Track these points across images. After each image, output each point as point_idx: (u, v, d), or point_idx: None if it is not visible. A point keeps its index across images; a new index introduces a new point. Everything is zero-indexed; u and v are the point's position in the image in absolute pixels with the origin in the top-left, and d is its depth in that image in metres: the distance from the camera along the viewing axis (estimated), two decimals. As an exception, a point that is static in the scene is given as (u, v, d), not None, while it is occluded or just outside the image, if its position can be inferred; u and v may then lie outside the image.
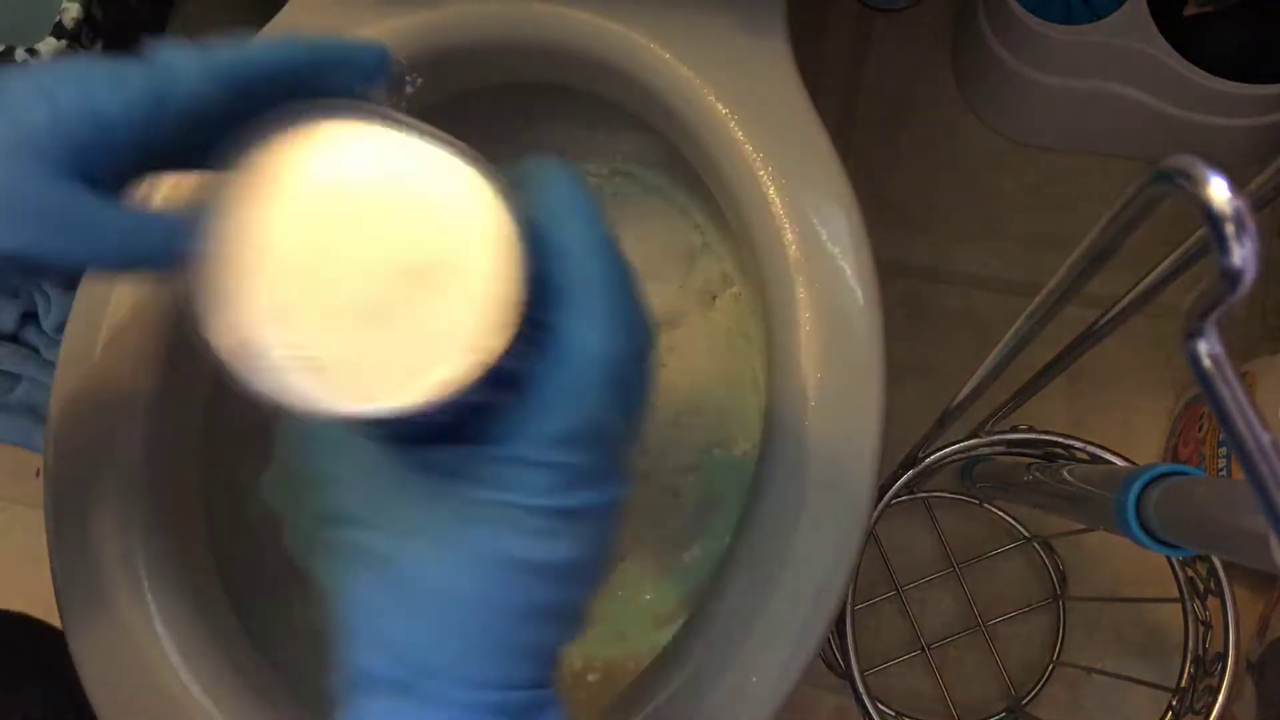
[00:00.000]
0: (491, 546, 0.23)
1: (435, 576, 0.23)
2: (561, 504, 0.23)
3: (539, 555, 0.23)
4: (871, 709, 0.58)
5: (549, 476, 0.23)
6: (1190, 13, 0.70)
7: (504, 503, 0.23)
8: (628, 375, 0.24)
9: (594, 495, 0.24)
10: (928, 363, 0.79)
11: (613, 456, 0.25)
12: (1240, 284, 0.21)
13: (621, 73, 0.49)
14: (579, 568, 0.24)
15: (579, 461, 0.23)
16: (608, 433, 0.24)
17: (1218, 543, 0.36)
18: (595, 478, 0.24)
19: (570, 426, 0.23)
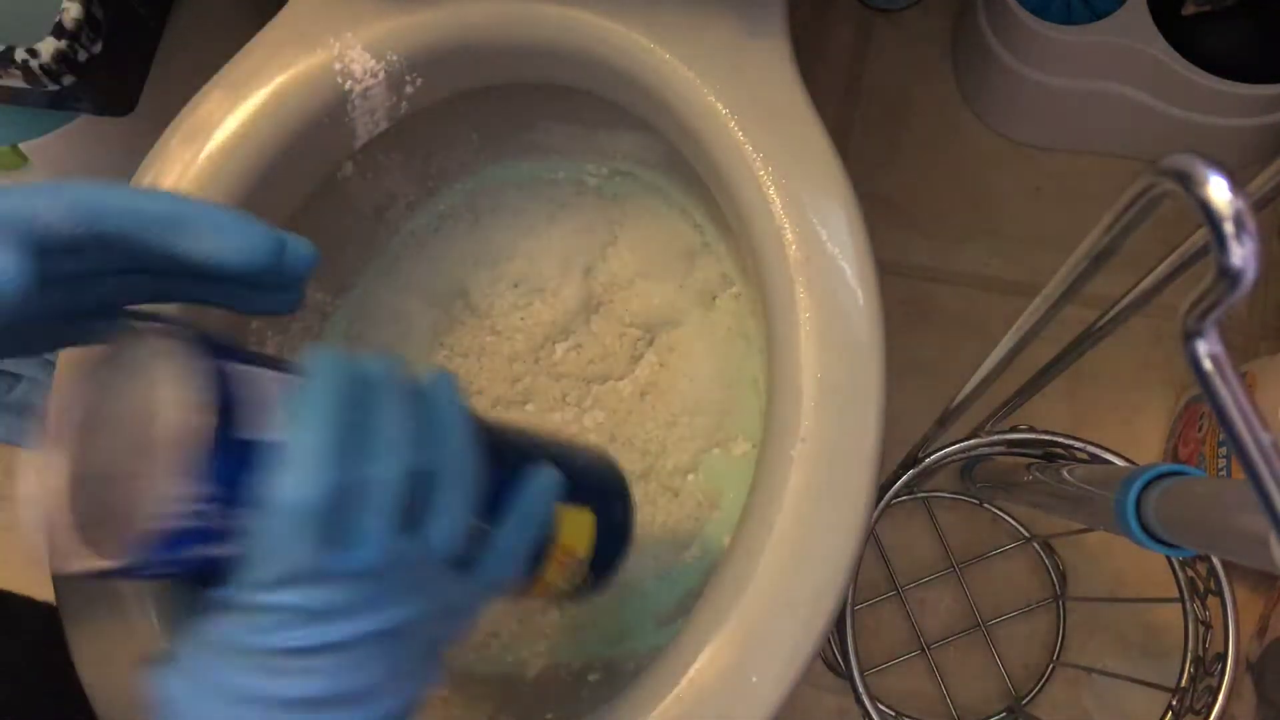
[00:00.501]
0: (245, 687, 0.25)
1: (207, 711, 0.25)
2: (287, 644, 0.25)
3: (285, 692, 0.25)
4: (871, 709, 0.58)
5: (270, 618, 0.25)
6: (1190, 13, 0.70)
7: (245, 647, 0.25)
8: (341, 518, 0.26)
9: (322, 634, 0.25)
10: (928, 363, 0.79)
11: (360, 590, 0.26)
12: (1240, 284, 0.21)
13: (622, 73, 0.49)
14: (333, 700, 0.26)
15: (299, 602, 0.25)
16: (327, 573, 0.25)
17: (1218, 543, 0.36)
18: (320, 618, 0.25)
19: (266, 576, 0.25)
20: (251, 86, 0.48)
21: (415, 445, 0.27)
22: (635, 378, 0.60)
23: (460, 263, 0.61)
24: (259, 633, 0.25)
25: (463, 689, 0.54)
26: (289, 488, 0.25)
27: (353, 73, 0.49)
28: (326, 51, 0.49)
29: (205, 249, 0.28)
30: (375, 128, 0.52)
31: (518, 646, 0.55)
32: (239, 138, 0.48)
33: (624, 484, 0.40)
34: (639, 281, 0.60)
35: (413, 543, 0.27)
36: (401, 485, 0.26)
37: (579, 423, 0.59)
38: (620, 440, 0.58)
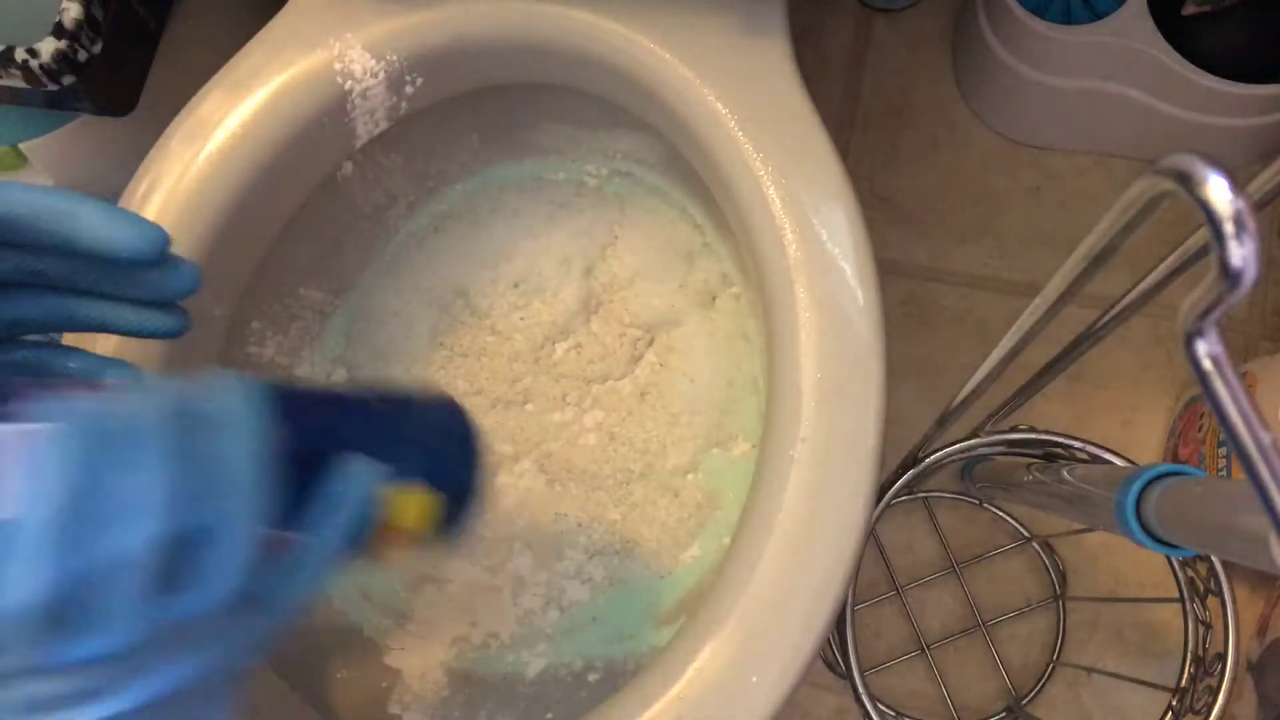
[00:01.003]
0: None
1: None
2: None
3: None
4: (871, 709, 0.58)
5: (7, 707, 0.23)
6: (1190, 13, 0.70)
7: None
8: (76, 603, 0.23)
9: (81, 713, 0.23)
10: (928, 363, 0.79)
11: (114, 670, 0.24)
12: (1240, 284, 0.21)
13: (622, 73, 0.49)
14: None
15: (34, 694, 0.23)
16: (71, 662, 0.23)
17: (1218, 543, 0.36)
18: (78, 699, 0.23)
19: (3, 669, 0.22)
20: (251, 86, 0.48)
21: (173, 499, 0.23)
22: (635, 378, 0.60)
23: (460, 263, 0.61)
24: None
25: (462, 689, 0.54)
26: (9, 585, 0.21)
27: (353, 73, 0.49)
28: (326, 51, 0.49)
29: (98, 236, 0.28)
30: (375, 128, 0.52)
31: (518, 646, 0.55)
32: (239, 138, 0.48)
33: (468, 441, 0.37)
34: (639, 281, 0.60)
35: (177, 606, 0.24)
36: (150, 554, 0.23)
37: (579, 422, 0.59)
38: (620, 440, 0.58)
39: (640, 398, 0.59)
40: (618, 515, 0.57)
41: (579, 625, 0.55)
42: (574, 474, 0.58)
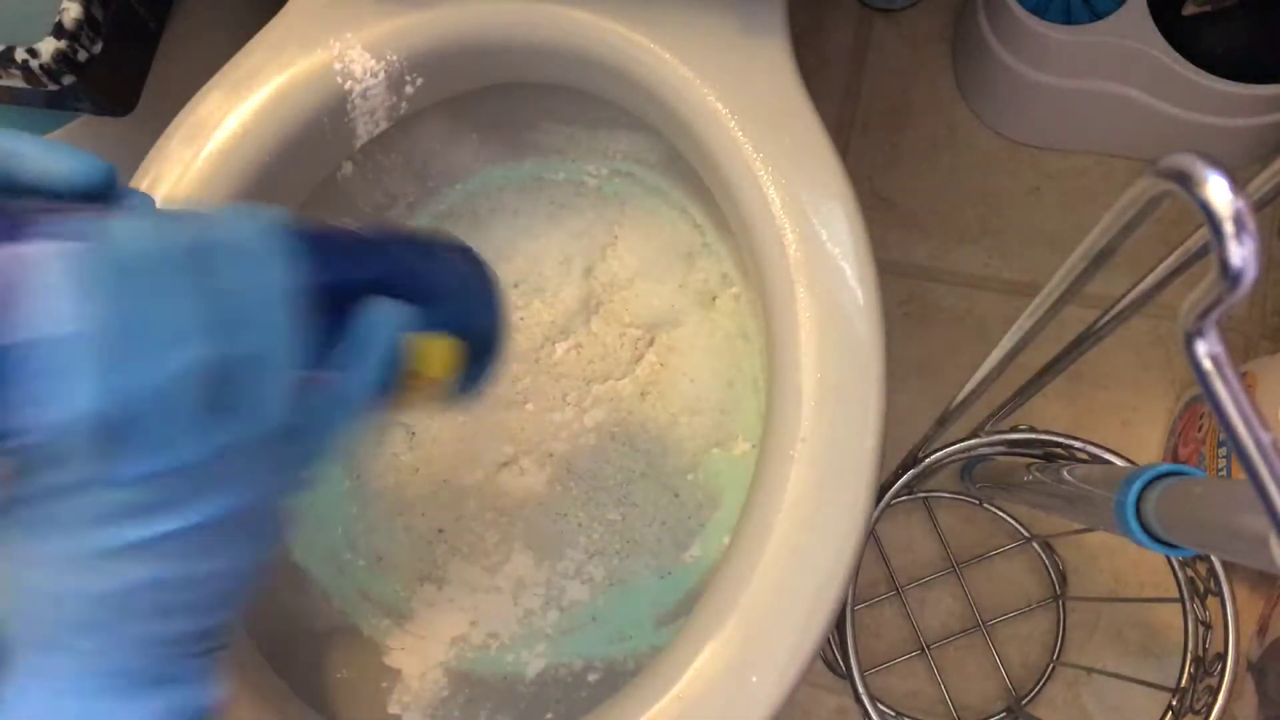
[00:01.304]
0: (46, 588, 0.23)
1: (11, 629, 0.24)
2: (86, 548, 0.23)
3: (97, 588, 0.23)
4: (871, 709, 0.58)
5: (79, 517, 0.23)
6: (1190, 13, 0.70)
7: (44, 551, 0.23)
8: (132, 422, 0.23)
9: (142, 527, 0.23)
10: (928, 363, 0.79)
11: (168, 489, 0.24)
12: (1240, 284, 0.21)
13: (622, 73, 0.49)
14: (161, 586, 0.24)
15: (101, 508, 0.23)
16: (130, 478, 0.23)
17: (1218, 543, 0.36)
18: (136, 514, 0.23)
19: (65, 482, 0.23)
20: (251, 86, 0.48)
21: (212, 325, 0.24)
22: (635, 377, 0.60)
23: (460, 263, 0.61)
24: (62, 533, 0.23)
25: (462, 689, 0.54)
26: (62, 399, 0.22)
27: (353, 73, 0.49)
28: (326, 51, 0.49)
29: (40, 169, 0.27)
30: (375, 128, 0.52)
31: (518, 646, 0.55)
32: (239, 138, 0.48)
33: (489, 290, 0.37)
34: (639, 281, 0.60)
35: (227, 430, 0.24)
36: (198, 374, 0.23)
37: (579, 422, 0.59)
38: (620, 440, 0.58)
39: (640, 398, 0.59)
40: (618, 515, 0.57)
41: (579, 625, 0.55)
42: (574, 474, 0.58)
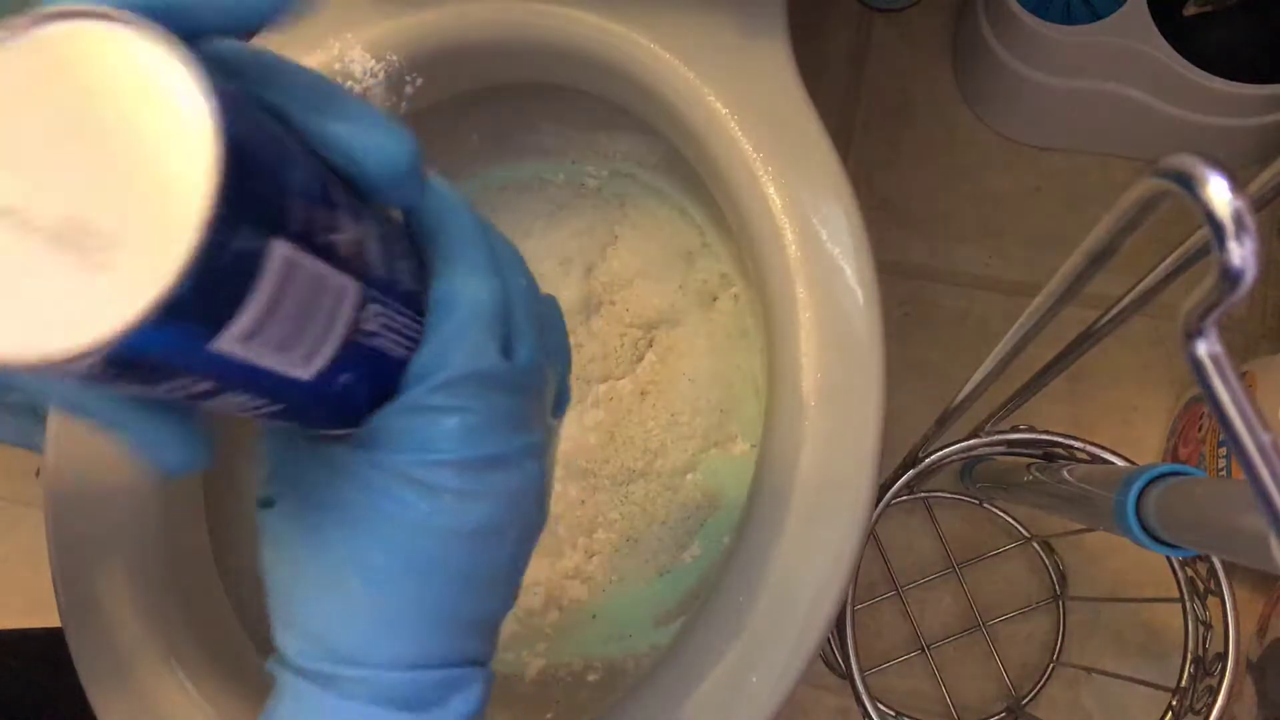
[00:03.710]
0: (395, 514, 0.22)
1: (341, 554, 0.22)
2: (460, 455, 0.22)
3: (444, 519, 0.22)
4: (871, 709, 0.58)
5: (440, 426, 0.22)
6: (1190, 13, 0.70)
7: (402, 464, 0.22)
8: (517, 320, 0.24)
9: (498, 444, 0.23)
10: (928, 363, 0.79)
11: (520, 405, 0.24)
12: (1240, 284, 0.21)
13: (621, 73, 0.49)
14: (493, 529, 0.23)
15: (473, 407, 0.22)
16: (505, 379, 0.23)
17: (1218, 543, 0.36)
18: (498, 426, 0.23)
19: (455, 373, 0.22)
20: (251, 86, 0.48)
21: (527, 272, 0.26)
22: (635, 377, 0.60)
23: (460, 263, 0.61)
24: (423, 446, 0.22)
25: (463, 689, 0.54)
26: (485, 282, 0.23)
27: (353, 73, 0.49)
28: (326, 52, 0.49)
29: (356, 145, 0.21)
30: (375, 128, 0.52)
31: (518, 646, 0.55)
32: (239, 138, 0.48)
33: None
34: (639, 281, 0.60)
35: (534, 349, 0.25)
36: (535, 304, 0.25)
37: (579, 422, 0.59)
38: (620, 439, 0.58)
39: (640, 397, 0.59)
40: (617, 515, 0.57)
41: (579, 624, 0.55)
42: (574, 473, 0.58)
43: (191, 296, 0.15)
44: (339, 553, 0.22)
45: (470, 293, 0.23)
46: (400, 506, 0.22)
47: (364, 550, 0.22)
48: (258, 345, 0.18)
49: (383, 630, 0.22)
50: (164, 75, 0.16)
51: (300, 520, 0.23)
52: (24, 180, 0.16)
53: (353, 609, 0.22)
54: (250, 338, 0.17)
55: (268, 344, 0.18)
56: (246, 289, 0.17)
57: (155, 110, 0.16)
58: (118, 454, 0.45)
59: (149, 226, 0.15)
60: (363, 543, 0.22)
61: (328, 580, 0.22)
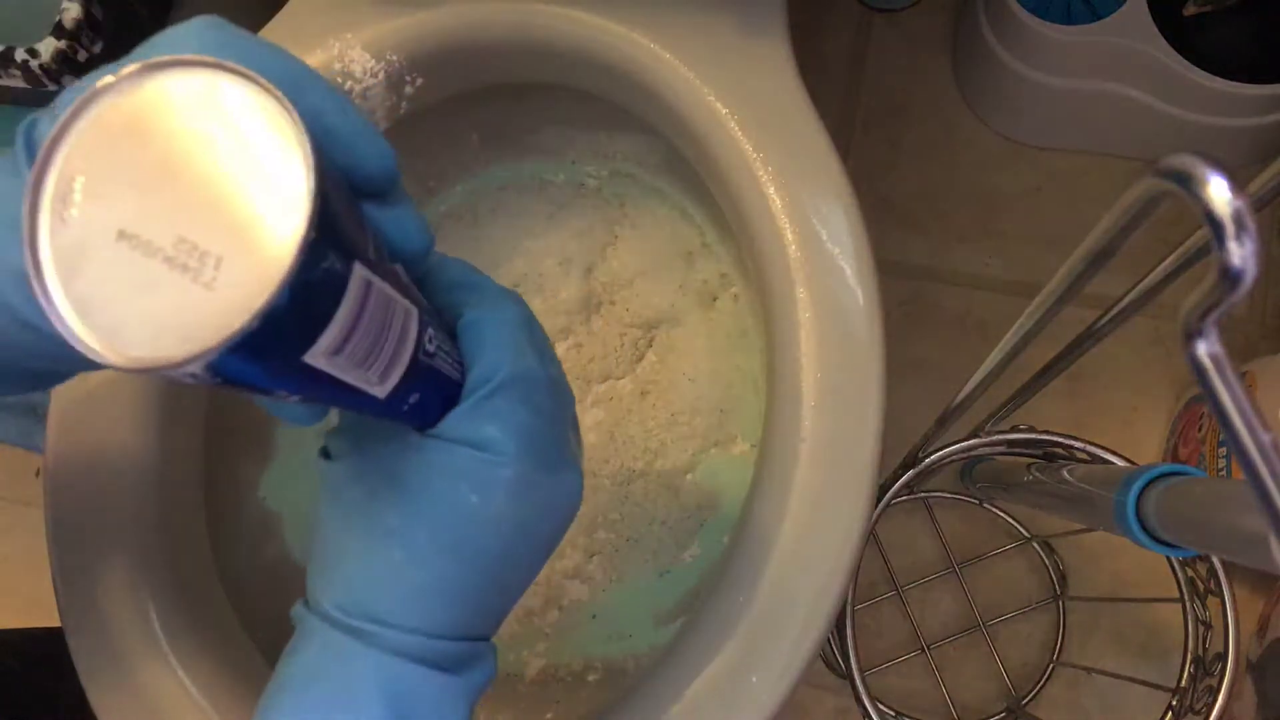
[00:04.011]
0: (448, 501, 0.24)
1: (393, 524, 0.24)
2: (516, 461, 0.25)
3: (490, 512, 0.24)
4: (871, 709, 0.58)
5: (501, 430, 0.25)
6: (1190, 13, 0.70)
7: (464, 457, 0.24)
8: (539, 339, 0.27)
9: (548, 452, 0.26)
10: (928, 363, 0.79)
11: (561, 410, 0.27)
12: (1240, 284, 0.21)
13: (622, 73, 0.49)
14: (530, 528, 0.26)
15: (524, 411, 0.25)
16: (546, 381, 0.26)
17: (1218, 543, 0.36)
18: (548, 434, 0.26)
19: (506, 375, 0.25)
20: (251, 86, 0.48)
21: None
22: (635, 377, 0.60)
23: (460, 263, 0.61)
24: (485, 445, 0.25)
25: (463, 689, 0.54)
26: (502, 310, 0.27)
27: (353, 73, 0.49)
28: (326, 52, 0.49)
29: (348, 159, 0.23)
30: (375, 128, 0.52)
31: (518, 646, 0.55)
32: (239, 138, 0.48)
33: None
34: (639, 281, 0.60)
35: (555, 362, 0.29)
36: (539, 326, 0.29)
37: (579, 422, 0.59)
38: (620, 439, 0.58)
39: (640, 397, 0.59)
40: (617, 515, 0.57)
41: (578, 624, 0.55)
42: (574, 474, 0.58)
43: (287, 311, 0.17)
44: (390, 522, 0.24)
45: (501, 313, 0.26)
46: (454, 495, 0.24)
47: (413, 527, 0.24)
48: (342, 361, 0.20)
49: (417, 600, 0.24)
50: (264, 113, 0.18)
51: (359, 482, 0.25)
52: (144, 208, 0.18)
53: (394, 576, 0.24)
54: (336, 352, 0.19)
55: (351, 360, 0.20)
56: (334, 306, 0.19)
57: (258, 148, 0.18)
58: (118, 453, 0.45)
59: (252, 249, 0.17)
60: (413, 520, 0.24)
61: (375, 546, 0.24)
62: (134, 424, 0.45)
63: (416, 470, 0.24)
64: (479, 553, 0.25)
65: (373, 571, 0.25)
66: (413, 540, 0.24)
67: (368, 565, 0.25)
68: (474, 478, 0.24)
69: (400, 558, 0.24)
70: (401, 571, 0.24)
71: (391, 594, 0.24)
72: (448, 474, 0.24)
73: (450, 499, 0.24)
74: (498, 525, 0.25)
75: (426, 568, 0.24)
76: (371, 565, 0.25)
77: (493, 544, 0.25)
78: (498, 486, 0.25)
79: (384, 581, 0.24)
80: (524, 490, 0.25)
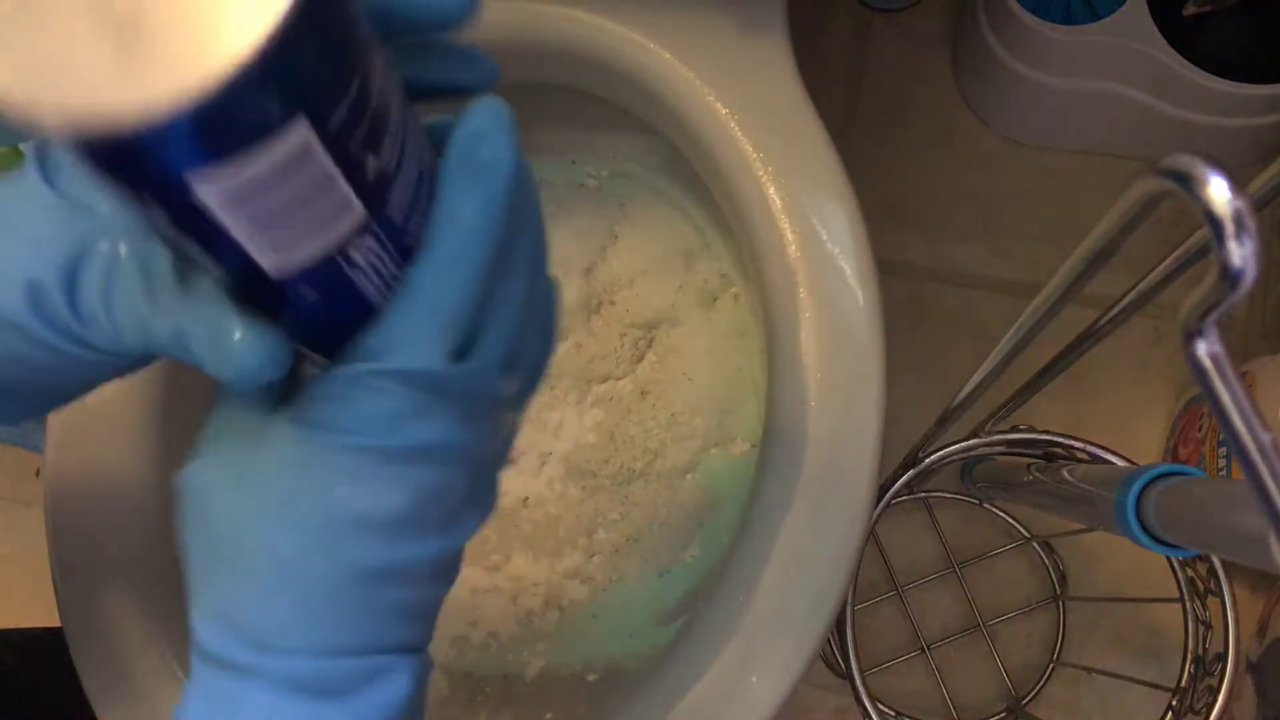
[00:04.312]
0: (312, 495, 0.21)
1: (258, 535, 0.21)
2: (385, 442, 0.21)
3: (360, 505, 0.21)
4: (871, 709, 0.58)
5: (371, 409, 0.21)
6: (1190, 13, 0.70)
7: (329, 443, 0.21)
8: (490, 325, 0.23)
9: (425, 437, 0.22)
10: (928, 363, 0.79)
11: (458, 407, 0.22)
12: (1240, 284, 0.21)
13: (621, 72, 0.49)
14: (410, 522, 0.22)
15: (406, 399, 0.21)
16: (447, 383, 0.22)
17: (1218, 543, 0.36)
18: (429, 421, 0.22)
19: (396, 367, 0.21)
20: (251, 86, 0.48)
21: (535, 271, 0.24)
22: (635, 377, 0.60)
23: (460, 263, 0.61)
24: (351, 426, 0.21)
25: (463, 689, 0.54)
26: (446, 286, 0.21)
27: (353, 73, 0.49)
28: (326, 51, 0.49)
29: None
30: (375, 128, 0.52)
31: (518, 646, 0.55)
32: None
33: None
34: (639, 281, 0.60)
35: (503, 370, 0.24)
36: (521, 311, 0.24)
37: (579, 422, 0.59)
38: (620, 439, 0.58)
39: (640, 397, 0.59)
40: (617, 515, 0.57)
41: (578, 624, 0.55)
42: (574, 473, 0.58)
43: (187, 130, 0.15)
44: (254, 534, 0.22)
45: (439, 290, 0.21)
46: (318, 486, 0.21)
47: (277, 530, 0.21)
48: (235, 211, 0.17)
49: (296, 615, 0.22)
50: None
51: (222, 498, 0.22)
52: None
53: (265, 592, 0.22)
54: (231, 199, 0.17)
55: (245, 216, 0.17)
56: (247, 146, 0.16)
57: None
58: (118, 453, 0.45)
59: (188, 48, 0.15)
60: (276, 522, 0.21)
61: (242, 561, 0.22)
62: (134, 429, 0.45)
63: (279, 462, 0.21)
64: (352, 553, 0.22)
65: (243, 589, 0.22)
66: (276, 545, 0.21)
67: (237, 583, 0.22)
68: (340, 465, 0.21)
69: (267, 566, 0.21)
70: (272, 584, 0.22)
71: (264, 611, 0.22)
72: (313, 461, 0.21)
73: (314, 491, 0.21)
74: (370, 520, 0.22)
75: (298, 575, 0.21)
76: (241, 582, 0.22)
77: (368, 542, 0.22)
78: (366, 476, 0.21)
79: (256, 598, 0.22)
80: (396, 480, 0.22)
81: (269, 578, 0.22)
